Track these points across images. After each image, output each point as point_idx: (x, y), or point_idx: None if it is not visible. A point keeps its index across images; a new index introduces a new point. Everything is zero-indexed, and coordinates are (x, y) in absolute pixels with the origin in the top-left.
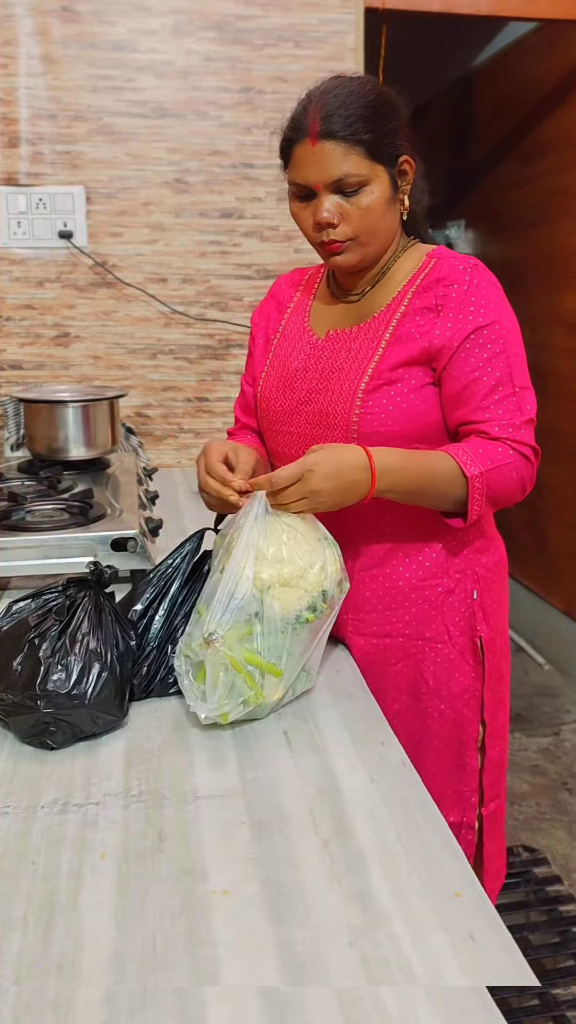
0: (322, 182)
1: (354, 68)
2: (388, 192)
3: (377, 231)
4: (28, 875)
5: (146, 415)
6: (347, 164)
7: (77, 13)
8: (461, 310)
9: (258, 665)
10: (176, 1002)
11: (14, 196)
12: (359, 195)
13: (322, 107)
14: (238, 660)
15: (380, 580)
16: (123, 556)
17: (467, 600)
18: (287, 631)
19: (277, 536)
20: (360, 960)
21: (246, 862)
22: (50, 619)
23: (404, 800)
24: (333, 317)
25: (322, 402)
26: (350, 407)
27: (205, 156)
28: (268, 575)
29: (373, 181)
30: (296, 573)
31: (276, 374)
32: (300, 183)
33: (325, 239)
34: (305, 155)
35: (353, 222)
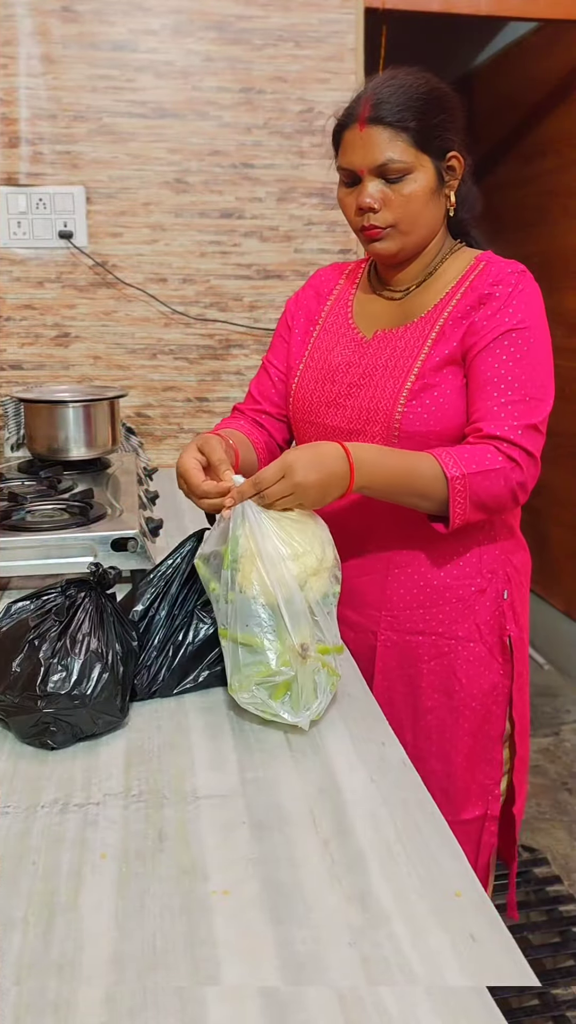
0: (367, 166)
1: (354, 68)
2: (432, 184)
3: (418, 221)
4: (28, 875)
5: (146, 415)
6: (392, 150)
7: (77, 13)
8: (500, 310)
9: (328, 652)
10: (176, 1002)
11: (14, 196)
12: (402, 182)
13: (374, 94)
14: (324, 659)
15: (414, 578)
16: (123, 556)
17: (498, 600)
18: (331, 612)
19: (286, 535)
20: (360, 960)
21: (246, 862)
22: (50, 620)
23: (404, 800)
24: (377, 314)
25: (364, 397)
26: (393, 405)
27: (205, 156)
28: (300, 571)
29: (417, 170)
30: (317, 559)
31: (316, 366)
32: (346, 167)
33: (366, 224)
34: (353, 140)
35: (394, 209)
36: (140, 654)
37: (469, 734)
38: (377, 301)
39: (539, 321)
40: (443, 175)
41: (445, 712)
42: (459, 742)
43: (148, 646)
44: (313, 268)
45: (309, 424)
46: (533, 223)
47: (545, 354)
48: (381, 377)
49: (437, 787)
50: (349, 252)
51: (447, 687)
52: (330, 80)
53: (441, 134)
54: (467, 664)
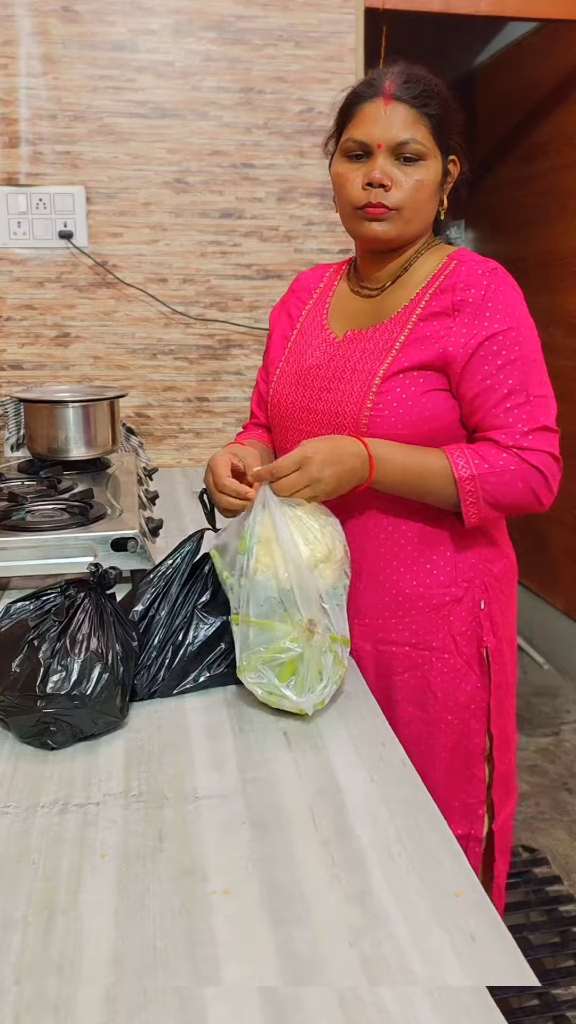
0: (386, 142)
1: (354, 68)
2: (438, 178)
3: (420, 210)
4: (28, 875)
5: (146, 415)
6: (415, 131)
7: (77, 13)
8: (476, 316)
9: (336, 640)
10: (176, 1002)
11: (14, 196)
12: (416, 166)
13: (402, 73)
14: (332, 645)
15: (386, 586)
16: (123, 556)
17: (474, 610)
18: (340, 604)
19: (301, 524)
20: (360, 960)
21: (246, 862)
22: (49, 620)
23: (404, 800)
24: (352, 312)
25: (333, 400)
26: (360, 407)
27: (205, 156)
28: (310, 556)
29: (430, 158)
30: (328, 549)
31: (291, 370)
32: (361, 139)
33: (372, 199)
34: (374, 113)
35: (403, 191)
36: (140, 654)
37: (447, 749)
38: (353, 299)
39: (521, 319)
40: (444, 174)
41: (421, 726)
42: (436, 757)
43: (148, 646)
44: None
45: (285, 429)
46: (533, 223)
47: (536, 350)
48: (348, 380)
49: None
50: (349, 252)
51: (422, 700)
52: (330, 80)
53: (451, 133)
54: (442, 676)
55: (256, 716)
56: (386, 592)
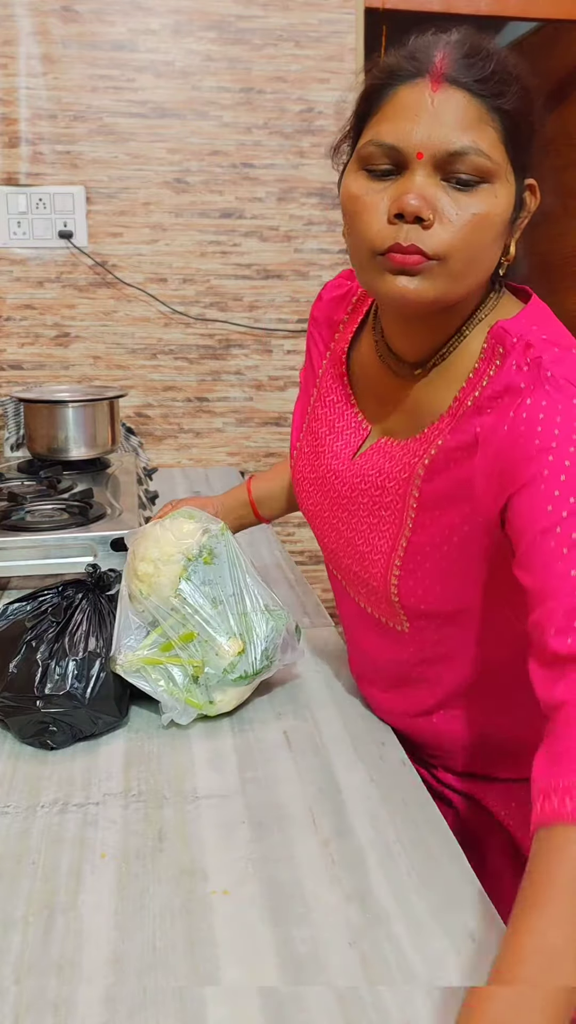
0: (432, 148)
1: (354, 68)
2: (510, 210)
3: (477, 261)
4: (28, 875)
5: (146, 415)
6: (478, 135)
7: (77, 13)
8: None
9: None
10: (176, 1002)
11: (14, 196)
12: (475, 192)
13: (462, 43)
14: (149, 658)
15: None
16: (123, 556)
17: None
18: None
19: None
20: (360, 960)
21: (246, 862)
22: (47, 620)
23: (404, 800)
24: (381, 396)
25: (356, 556)
26: (386, 578)
27: (205, 156)
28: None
29: (499, 181)
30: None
31: (309, 463)
32: (391, 144)
33: (402, 241)
34: (415, 102)
35: (453, 230)
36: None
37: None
38: (382, 373)
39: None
40: (518, 204)
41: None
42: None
43: None
44: (314, 268)
45: (312, 525)
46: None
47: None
48: (375, 528)
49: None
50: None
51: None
52: (330, 80)
53: (531, 142)
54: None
55: (256, 716)
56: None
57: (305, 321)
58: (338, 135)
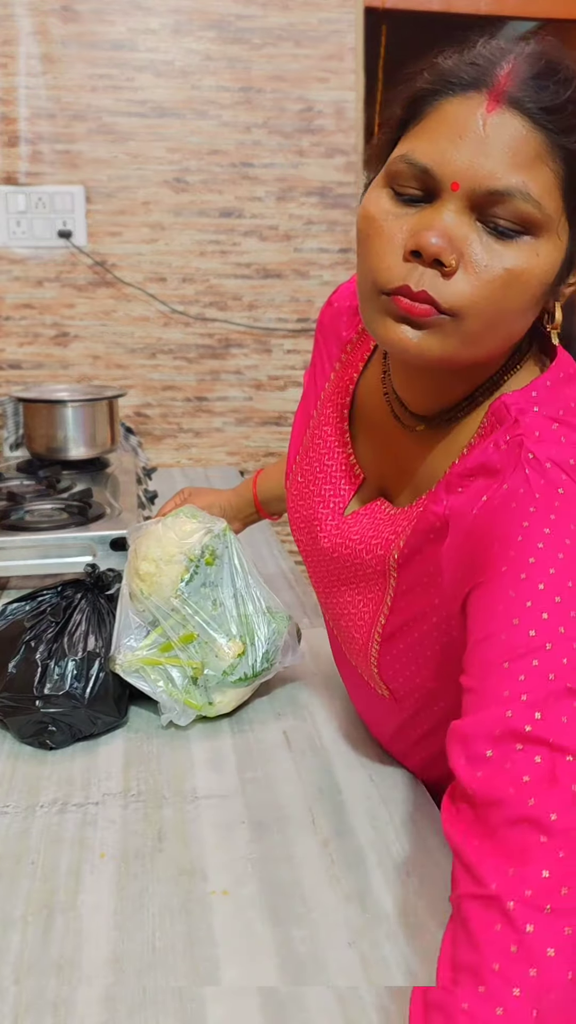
0: (472, 181)
1: (354, 68)
2: (554, 271)
3: (499, 326)
4: (27, 875)
5: (145, 415)
6: (532, 174)
7: (77, 12)
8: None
9: (169, 649)
10: (176, 1002)
11: (13, 195)
12: (514, 243)
13: (534, 68)
14: (149, 659)
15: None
16: (122, 556)
17: None
18: (181, 599)
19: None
20: (360, 960)
21: (245, 862)
22: (46, 620)
23: (404, 800)
24: (380, 445)
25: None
26: (367, 646)
27: (205, 155)
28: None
29: (546, 235)
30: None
31: (299, 502)
32: (424, 164)
33: (413, 285)
34: (463, 121)
35: (478, 282)
36: None
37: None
38: (388, 423)
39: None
40: (569, 265)
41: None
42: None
43: None
44: (313, 268)
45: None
46: None
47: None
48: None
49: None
50: (349, 251)
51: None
52: (330, 79)
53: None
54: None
55: (256, 716)
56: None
57: (305, 320)
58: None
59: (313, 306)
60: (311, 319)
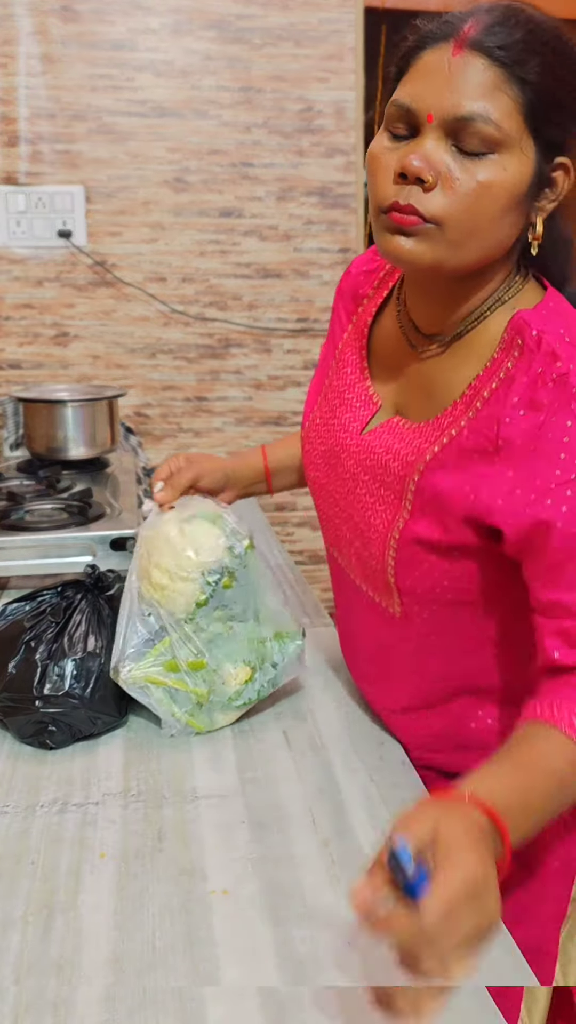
0: (443, 111)
1: (354, 67)
2: (522, 185)
3: (480, 230)
4: (27, 875)
5: (145, 415)
6: (492, 101)
7: (77, 12)
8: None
9: (175, 670)
10: (176, 1002)
11: (13, 195)
12: (482, 161)
13: (492, 17)
14: (154, 676)
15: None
16: (122, 555)
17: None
18: (194, 625)
19: (156, 546)
20: (360, 960)
21: (245, 862)
22: (46, 621)
23: (404, 800)
24: (396, 373)
25: (356, 532)
26: (383, 557)
27: (204, 155)
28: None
29: (511, 151)
30: (180, 564)
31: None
32: (406, 105)
33: (400, 200)
34: (435, 65)
35: (454, 194)
36: None
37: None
38: (402, 349)
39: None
40: (542, 181)
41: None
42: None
43: None
44: (313, 267)
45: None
46: None
47: None
48: (373, 508)
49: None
50: (348, 251)
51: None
52: (330, 79)
53: (564, 117)
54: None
55: (256, 716)
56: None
57: (305, 320)
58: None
59: (313, 306)
60: (311, 319)
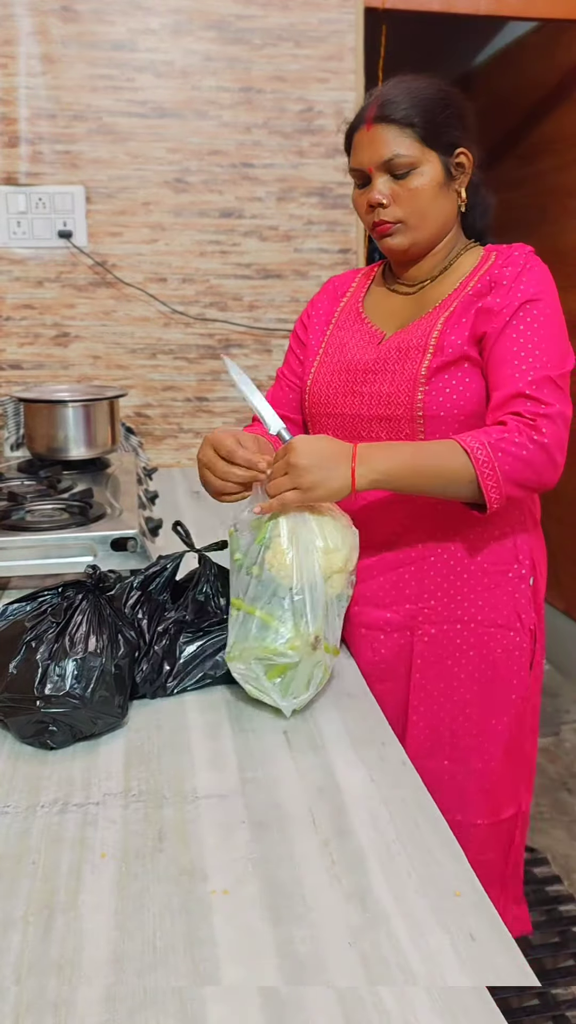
0: (374, 163)
1: (354, 68)
2: (440, 178)
3: (427, 215)
4: (28, 875)
5: (146, 415)
6: (397, 145)
7: (77, 13)
8: (511, 288)
9: (328, 651)
10: (176, 1002)
11: (14, 196)
12: (409, 177)
13: (381, 96)
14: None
15: (451, 565)
16: (123, 556)
17: (527, 587)
18: (341, 613)
19: (321, 528)
20: (360, 960)
21: (246, 862)
22: (47, 621)
23: (404, 800)
24: (390, 311)
25: (383, 382)
26: (414, 387)
27: (205, 156)
28: (326, 565)
29: (424, 164)
30: (344, 558)
31: (331, 360)
32: (356, 168)
33: (376, 220)
34: (361, 140)
35: (403, 203)
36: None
37: (508, 728)
38: (391, 297)
39: (551, 293)
40: (451, 171)
41: (485, 705)
42: (499, 737)
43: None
44: (313, 268)
45: (327, 416)
46: (533, 223)
47: (559, 322)
48: (397, 362)
49: (479, 786)
50: (348, 252)
51: (485, 678)
52: (330, 80)
53: (447, 130)
54: (506, 653)
55: (256, 716)
56: (451, 571)
57: None
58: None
59: None
60: None
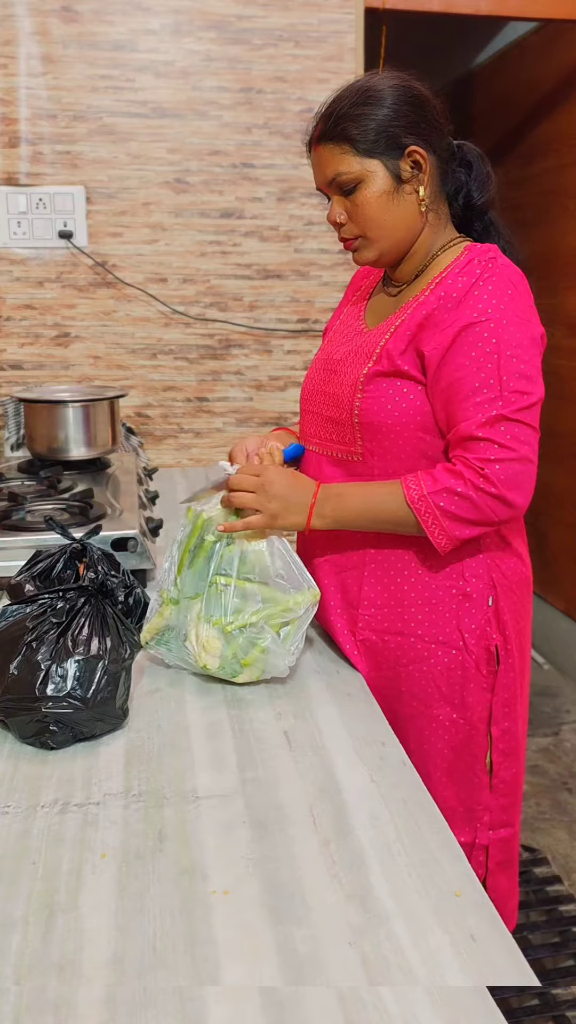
0: (323, 185)
1: (354, 68)
2: (386, 186)
3: (383, 226)
4: (28, 875)
5: (146, 415)
6: (337, 164)
7: (77, 13)
8: (457, 306)
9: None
10: (176, 1002)
11: (14, 196)
12: (356, 192)
13: (320, 113)
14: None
15: (391, 575)
16: (123, 556)
17: (484, 607)
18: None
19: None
20: (360, 960)
21: (246, 862)
22: (47, 622)
23: (404, 800)
24: (381, 308)
25: (335, 384)
26: (353, 393)
27: (205, 156)
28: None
29: (367, 177)
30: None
31: (322, 356)
32: (317, 186)
33: (340, 238)
34: (312, 160)
35: (356, 219)
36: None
37: (450, 748)
38: (383, 297)
39: (505, 311)
40: (400, 174)
41: (423, 721)
42: (438, 756)
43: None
44: (313, 268)
45: (304, 412)
46: (533, 223)
47: (517, 344)
48: (348, 364)
49: None
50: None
51: (425, 694)
52: (330, 80)
53: (390, 133)
54: (448, 672)
55: (256, 716)
56: (391, 581)
57: (305, 321)
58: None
59: (313, 307)
60: (311, 319)
